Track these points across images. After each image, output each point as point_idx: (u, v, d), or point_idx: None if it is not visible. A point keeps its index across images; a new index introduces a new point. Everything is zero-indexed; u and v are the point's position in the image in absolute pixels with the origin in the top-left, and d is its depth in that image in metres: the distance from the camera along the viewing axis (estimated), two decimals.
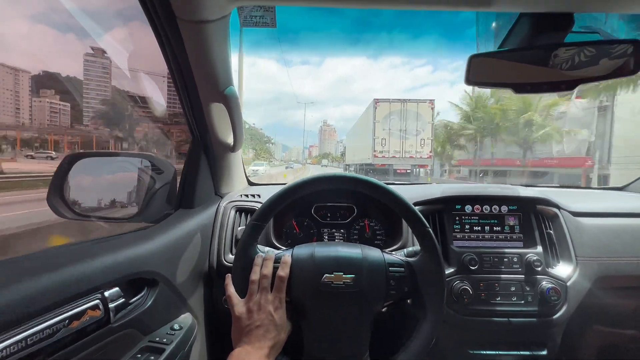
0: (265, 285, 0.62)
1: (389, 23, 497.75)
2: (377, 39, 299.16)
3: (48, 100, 17.39)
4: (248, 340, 0.58)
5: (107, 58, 5.98)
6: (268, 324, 0.59)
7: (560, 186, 1.34)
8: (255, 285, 0.63)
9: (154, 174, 0.95)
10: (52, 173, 0.84)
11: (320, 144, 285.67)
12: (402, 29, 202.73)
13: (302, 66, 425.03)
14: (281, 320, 0.60)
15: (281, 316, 0.61)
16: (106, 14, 4.14)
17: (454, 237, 0.92)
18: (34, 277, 0.45)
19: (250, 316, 0.60)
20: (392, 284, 0.64)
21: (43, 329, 0.43)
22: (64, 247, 0.60)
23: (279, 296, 0.62)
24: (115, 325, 0.56)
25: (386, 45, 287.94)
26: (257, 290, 0.62)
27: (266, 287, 0.62)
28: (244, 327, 0.59)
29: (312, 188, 0.67)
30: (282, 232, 1.03)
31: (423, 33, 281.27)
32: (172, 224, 0.80)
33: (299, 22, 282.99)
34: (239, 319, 0.61)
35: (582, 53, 0.61)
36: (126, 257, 0.62)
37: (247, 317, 0.60)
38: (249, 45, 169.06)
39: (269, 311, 0.60)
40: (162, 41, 0.67)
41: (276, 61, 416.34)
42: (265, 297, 0.61)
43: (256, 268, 0.64)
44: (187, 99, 0.81)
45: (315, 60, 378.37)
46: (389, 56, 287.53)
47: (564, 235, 0.92)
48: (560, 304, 0.84)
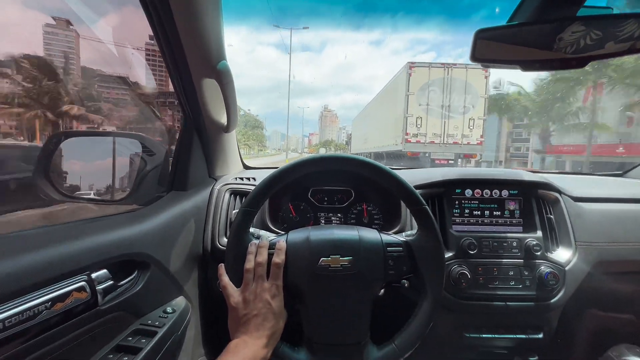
0: (261, 273, 0.60)
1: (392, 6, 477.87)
2: (380, 23, 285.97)
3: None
4: (245, 330, 0.56)
5: (73, 30, 5.37)
6: (266, 313, 0.57)
7: (560, 172, 1.32)
8: (251, 274, 0.61)
9: (145, 155, 0.91)
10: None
11: (320, 131, 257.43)
12: (407, 13, 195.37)
13: (302, 53, 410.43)
14: (279, 308, 0.59)
15: (279, 304, 0.59)
16: None
17: (453, 222, 0.91)
18: (14, 256, 0.42)
19: (246, 306, 0.58)
20: (390, 264, 0.62)
21: (22, 310, 0.40)
22: (49, 227, 0.58)
23: (275, 283, 0.60)
24: (104, 307, 0.54)
25: (389, 31, 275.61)
26: (253, 279, 0.60)
27: (262, 275, 0.60)
28: (241, 317, 0.58)
29: (304, 170, 0.64)
30: (278, 216, 1.01)
31: (427, 17, 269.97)
32: (164, 206, 0.78)
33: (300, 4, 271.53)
34: (236, 309, 0.59)
35: (588, 36, 0.58)
36: (115, 238, 0.60)
37: (243, 306, 0.58)
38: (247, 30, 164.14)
39: (266, 299, 0.58)
40: (149, 10, 0.63)
41: (276, 47, 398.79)
42: (262, 285, 0.59)
43: (250, 256, 0.62)
44: (177, 74, 0.77)
45: (315, 47, 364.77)
46: (391, 42, 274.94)
47: (564, 220, 0.90)
48: (558, 288, 0.83)
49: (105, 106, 2.64)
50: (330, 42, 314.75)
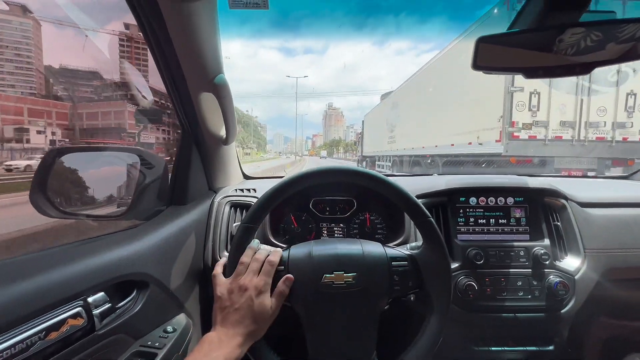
0: (254, 268, 0.60)
1: (396, 5, 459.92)
2: (383, 23, 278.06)
3: None
4: (223, 324, 0.56)
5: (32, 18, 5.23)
6: (246, 309, 0.56)
7: (565, 175, 1.30)
8: (244, 267, 0.60)
9: (144, 168, 0.90)
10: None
11: (324, 131, 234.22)
12: (410, 12, 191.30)
13: (305, 55, 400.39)
14: (260, 307, 0.57)
15: (262, 302, 0.57)
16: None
17: (458, 231, 0.89)
18: (4, 287, 0.41)
19: (230, 297, 0.58)
20: (395, 280, 0.61)
21: (15, 343, 0.39)
22: (43, 252, 0.56)
23: (264, 279, 0.59)
24: (101, 332, 0.53)
25: (393, 30, 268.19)
26: (244, 272, 0.60)
27: (254, 270, 0.60)
28: (223, 309, 0.57)
29: (305, 183, 0.63)
30: (279, 228, 0.99)
31: (431, 16, 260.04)
32: (164, 222, 0.77)
33: (300, 6, 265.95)
34: (220, 299, 0.59)
35: (589, 37, 0.57)
36: (112, 258, 0.58)
37: (227, 297, 0.58)
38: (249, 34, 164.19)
39: (250, 295, 0.57)
40: (143, 24, 0.62)
41: (278, 50, 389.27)
42: (251, 279, 0.59)
43: (249, 251, 0.62)
44: (174, 88, 0.76)
45: (318, 49, 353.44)
46: (395, 41, 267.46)
47: (572, 227, 0.88)
48: (568, 298, 0.81)
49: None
50: (333, 44, 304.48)
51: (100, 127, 2.97)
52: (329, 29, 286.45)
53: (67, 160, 0.84)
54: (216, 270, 0.63)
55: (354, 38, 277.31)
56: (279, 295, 0.59)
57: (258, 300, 0.57)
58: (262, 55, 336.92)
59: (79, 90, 2.84)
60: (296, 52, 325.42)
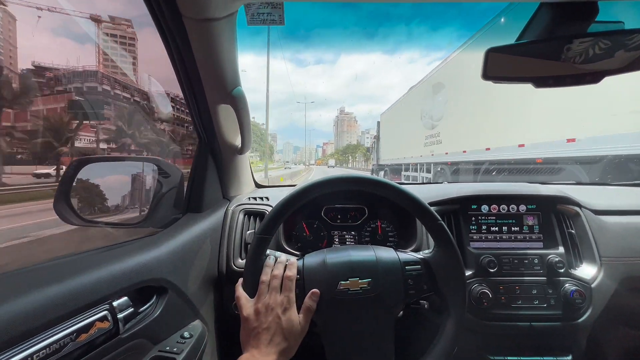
0: (275, 285, 0.61)
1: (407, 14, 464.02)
2: (395, 32, 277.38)
3: None
4: (256, 344, 0.56)
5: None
6: (275, 328, 0.57)
7: (577, 183, 1.29)
8: (265, 286, 0.61)
9: (161, 178, 0.93)
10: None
11: (336, 138, 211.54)
12: (422, 20, 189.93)
13: (316, 65, 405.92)
14: (289, 324, 0.58)
15: (289, 318, 0.58)
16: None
17: (471, 238, 0.89)
18: (39, 290, 0.43)
19: (257, 318, 0.58)
20: (410, 284, 0.61)
21: (49, 344, 0.41)
22: (70, 257, 0.59)
23: (287, 295, 0.60)
24: (125, 335, 0.54)
25: (404, 39, 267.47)
26: (267, 291, 0.61)
27: (276, 287, 0.61)
28: (252, 330, 0.58)
29: (316, 193, 0.64)
30: (292, 235, 1.00)
31: (444, 24, 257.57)
32: (180, 229, 0.79)
33: (312, 17, 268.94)
34: (247, 320, 0.59)
35: (597, 45, 0.58)
36: (134, 265, 0.60)
37: (255, 318, 0.58)
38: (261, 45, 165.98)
39: (277, 314, 0.58)
40: (168, 41, 0.65)
41: (289, 61, 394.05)
42: (275, 298, 0.59)
43: (267, 269, 0.63)
44: (193, 100, 0.79)
45: (329, 58, 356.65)
46: (406, 50, 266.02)
47: (586, 234, 0.88)
48: (585, 306, 0.80)
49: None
50: (344, 53, 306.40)
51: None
52: (340, 39, 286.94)
53: (88, 170, 0.88)
54: (238, 292, 0.63)
55: (365, 47, 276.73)
56: (306, 311, 0.60)
57: (285, 317, 0.58)
58: (273, 65, 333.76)
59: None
60: (307, 62, 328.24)
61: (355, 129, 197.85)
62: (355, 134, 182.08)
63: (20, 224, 4.36)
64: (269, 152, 71.86)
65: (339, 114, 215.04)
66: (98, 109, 11.64)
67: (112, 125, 7.78)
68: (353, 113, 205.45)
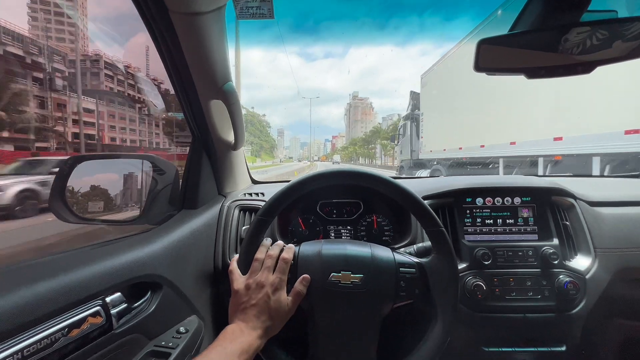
0: (269, 264, 0.62)
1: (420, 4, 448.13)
2: (407, 23, 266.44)
3: None
4: (243, 318, 0.58)
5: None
6: (262, 305, 0.58)
7: (573, 175, 1.29)
8: (259, 264, 0.63)
9: (156, 174, 0.93)
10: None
11: (348, 128, 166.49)
12: (435, 10, 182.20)
13: (325, 60, 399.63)
14: (277, 304, 0.59)
15: (278, 298, 0.59)
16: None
17: (465, 231, 0.89)
18: (31, 285, 0.43)
19: (247, 293, 0.60)
20: (402, 285, 0.61)
21: (40, 339, 0.41)
22: (63, 253, 0.59)
23: (279, 276, 0.61)
24: (118, 331, 0.55)
25: (416, 30, 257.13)
26: (260, 269, 0.62)
27: (269, 267, 0.62)
28: (240, 304, 0.60)
29: (317, 184, 0.65)
30: (288, 230, 1.01)
31: (457, 14, 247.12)
32: (175, 225, 0.79)
33: (320, 9, 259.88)
34: (237, 294, 0.61)
35: (595, 36, 0.57)
36: (128, 260, 0.60)
37: (244, 292, 0.60)
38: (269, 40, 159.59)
39: (267, 292, 0.59)
40: (156, 36, 0.65)
41: (297, 55, 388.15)
42: (267, 276, 0.61)
43: (262, 248, 0.65)
44: (185, 96, 0.79)
45: (338, 52, 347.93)
46: (419, 42, 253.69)
47: (581, 226, 0.88)
48: (579, 298, 0.80)
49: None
50: (354, 46, 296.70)
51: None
52: (350, 31, 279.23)
53: (83, 168, 0.88)
54: (232, 265, 0.65)
55: (376, 39, 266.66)
56: (296, 295, 0.61)
57: (274, 297, 0.59)
58: (280, 60, 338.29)
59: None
60: (316, 56, 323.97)
61: (372, 118, 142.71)
62: (371, 124, 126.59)
63: None
64: (267, 147, 67.41)
65: (352, 100, 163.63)
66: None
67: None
68: (369, 98, 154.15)
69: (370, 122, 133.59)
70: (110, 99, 13.43)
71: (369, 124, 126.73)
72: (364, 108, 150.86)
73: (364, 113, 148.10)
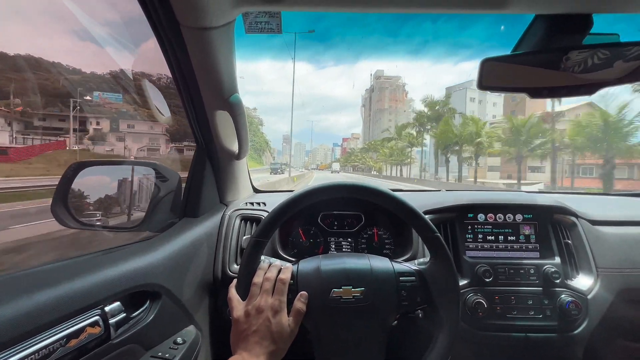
0: (267, 287, 0.61)
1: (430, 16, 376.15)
2: (420, 30, 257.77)
3: None
4: (245, 346, 0.57)
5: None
6: (264, 331, 0.57)
7: (575, 192, 1.29)
8: (257, 288, 0.61)
9: (159, 182, 0.93)
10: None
11: (366, 126, 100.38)
12: (448, 18, 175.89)
13: (335, 67, 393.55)
14: (278, 327, 0.58)
15: (279, 321, 0.58)
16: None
17: (467, 247, 0.89)
18: (29, 295, 0.43)
19: (247, 320, 0.58)
20: (403, 295, 0.61)
21: (39, 349, 0.41)
22: (64, 261, 0.59)
23: (279, 298, 0.60)
24: (116, 341, 0.54)
25: (430, 38, 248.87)
26: (259, 293, 0.61)
27: (267, 290, 0.61)
28: (241, 332, 0.58)
29: (315, 198, 0.64)
30: (288, 241, 1.00)
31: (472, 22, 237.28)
32: (176, 234, 0.79)
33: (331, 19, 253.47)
34: (237, 322, 0.59)
35: (596, 55, 0.58)
36: (128, 269, 0.60)
37: (244, 320, 0.59)
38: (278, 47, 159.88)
39: (267, 316, 0.58)
40: (166, 48, 0.66)
41: (307, 62, 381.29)
42: (266, 300, 0.59)
43: (260, 272, 0.64)
44: (191, 107, 0.80)
45: (349, 59, 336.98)
46: (432, 49, 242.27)
47: (583, 245, 0.87)
48: (581, 318, 0.79)
49: None
50: (366, 53, 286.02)
51: None
52: (361, 39, 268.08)
53: (87, 173, 0.88)
54: (231, 292, 0.63)
55: (387, 48, 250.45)
56: (296, 313, 0.60)
57: (275, 320, 0.58)
58: (289, 68, 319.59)
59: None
60: (326, 63, 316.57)
61: (404, 106, 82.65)
62: (405, 114, 74.68)
63: None
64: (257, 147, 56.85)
65: (374, 81, 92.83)
66: None
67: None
68: (401, 78, 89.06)
69: (400, 110, 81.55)
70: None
71: (401, 115, 77.95)
72: (392, 91, 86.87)
73: (392, 99, 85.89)
